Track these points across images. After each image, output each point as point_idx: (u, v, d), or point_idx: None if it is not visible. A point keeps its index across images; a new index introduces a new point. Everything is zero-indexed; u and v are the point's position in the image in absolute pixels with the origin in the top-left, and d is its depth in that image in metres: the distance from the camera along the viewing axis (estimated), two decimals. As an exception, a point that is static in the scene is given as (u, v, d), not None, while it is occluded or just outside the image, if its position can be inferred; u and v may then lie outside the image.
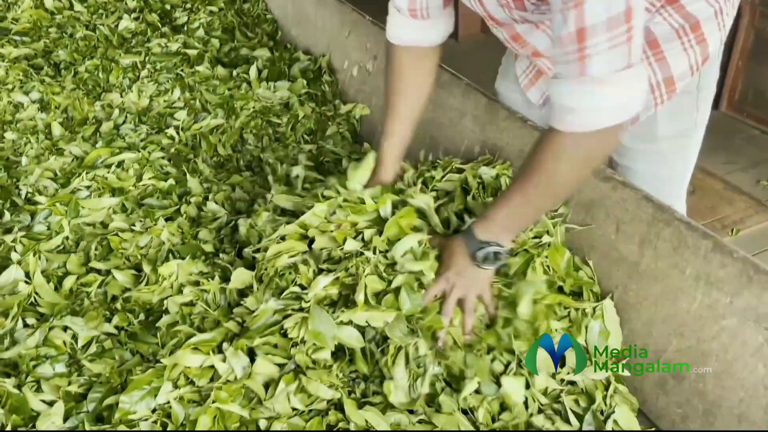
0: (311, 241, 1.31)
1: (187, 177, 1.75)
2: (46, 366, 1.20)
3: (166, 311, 1.31)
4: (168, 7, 2.78)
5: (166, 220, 1.56)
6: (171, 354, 1.17)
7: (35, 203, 1.64)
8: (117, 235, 1.52)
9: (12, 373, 1.20)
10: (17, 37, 2.55)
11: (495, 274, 1.25)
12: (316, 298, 1.19)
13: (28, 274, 1.41)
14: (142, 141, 1.94)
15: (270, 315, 1.20)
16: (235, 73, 2.32)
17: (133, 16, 2.69)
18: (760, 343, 1.01)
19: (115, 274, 1.40)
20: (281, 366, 1.16)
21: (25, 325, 1.30)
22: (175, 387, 1.12)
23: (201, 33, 2.60)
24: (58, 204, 1.61)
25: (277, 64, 2.36)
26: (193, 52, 2.42)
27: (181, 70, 2.33)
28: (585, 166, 1.13)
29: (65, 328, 1.27)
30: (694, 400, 1.12)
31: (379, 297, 1.19)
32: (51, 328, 1.26)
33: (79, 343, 1.25)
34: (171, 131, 1.98)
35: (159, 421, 1.08)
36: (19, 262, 1.42)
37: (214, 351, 1.16)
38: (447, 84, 1.69)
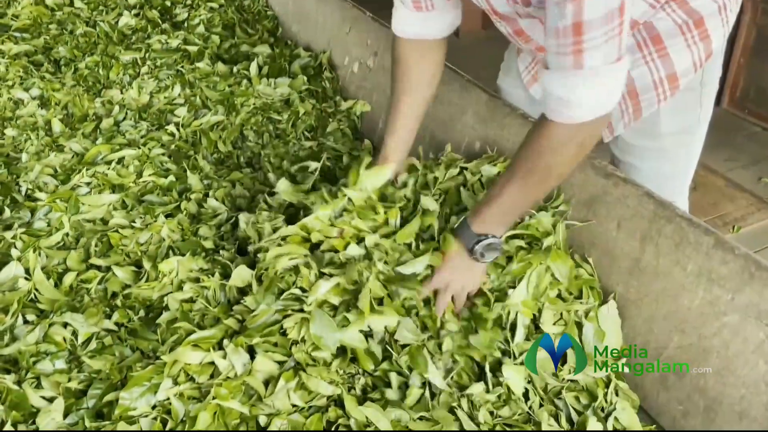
0: (313, 245, 1.30)
1: (188, 173, 1.74)
2: (46, 362, 1.20)
3: (166, 308, 1.31)
4: (168, 3, 2.78)
5: (167, 217, 1.56)
6: (171, 351, 1.16)
7: (35, 200, 1.64)
8: (117, 231, 1.51)
9: (12, 369, 1.20)
10: (17, 34, 2.55)
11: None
12: (316, 302, 1.18)
13: (28, 271, 1.41)
14: (142, 137, 1.94)
15: (270, 315, 1.19)
16: (235, 69, 2.32)
17: (133, 12, 2.69)
18: (762, 339, 1.00)
19: (115, 270, 1.40)
20: (281, 363, 1.16)
21: (25, 322, 1.30)
22: (175, 383, 1.12)
23: (201, 29, 2.59)
24: (58, 200, 1.61)
25: (278, 61, 2.35)
26: (194, 49, 2.42)
27: (182, 67, 2.33)
28: (580, 155, 1.13)
29: (65, 325, 1.27)
30: (695, 397, 1.12)
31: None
32: (51, 325, 1.26)
33: (79, 339, 1.25)
34: (171, 128, 1.97)
35: (159, 418, 1.08)
36: (19, 259, 1.42)
37: (214, 348, 1.16)
38: (447, 80, 1.68)
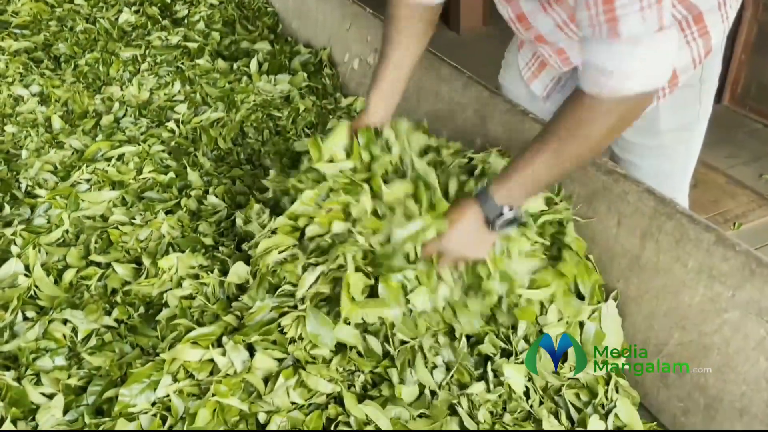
0: (303, 232, 1.29)
1: (188, 170, 1.74)
2: (46, 359, 1.20)
3: (166, 304, 1.31)
4: (168, 0, 2.77)
5: (166, 214, 1.56)
6: (171, 347, 1.16)
7: (35, 196, 1.64)
8: (117, 228, 1.51)
9: (12, 366, 1.20)
10: (17, 30, 2.54)
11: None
12: (309, 296, 1.18)
13: (27, 267, 1.40)
14: (142, 134, 1.94)
15: (266, 312, 1.19)
16: (235, 66, 2.32)
17: (133, 9, 2.69)
18: (762, 336, 1.00)
19: (115, 267, 1.40)
20: (280, 360, 1.16)
21: (25, 318, 1.29)
22: (175, 380, 1.12)
23: (201, 26, 2.59)
24: (58, 197, 1.61)
25: (278, 57, 2.35)
26: (194, 45, 2.42)
27: (182, 63, 2.32)
28: (616, 131, 1.09)
29: (65, 321, 1.27)
30: (696, 394, 1.12)
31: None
32: (51, 321, 1.26)
33: (79, 336, 1.25)
34: (171, 124, 1.97)
35: (158, 414, 1.08)
36: (19, 255, 1.42)
37: (213, 345, 1.16)
38: (448, 77, 1.68)
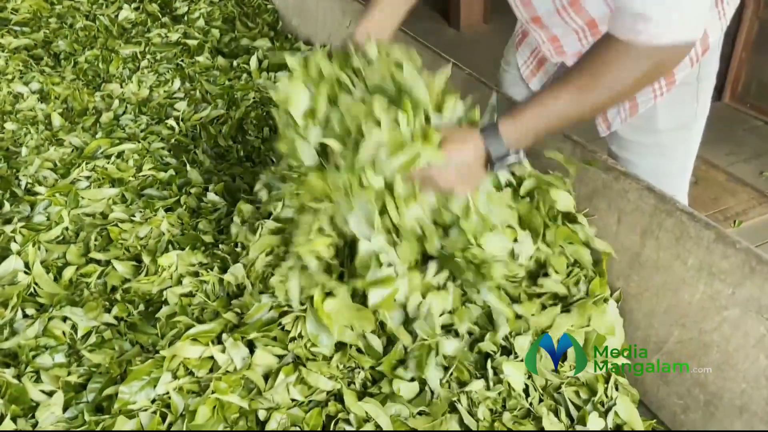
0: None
1: (187, 168, 1.74)
2: (46, 356, 1.20)
3: (166, 302, 1.31)
4: (168, -3, 2.77)
5: (166, 211, 1.56)
6: (170, 345, 1.16)
7: (35, 194, 1.64)
8: (117, 225, 1.51)
9: (12, 363, 1.20)
10: (17, 28, 2.54)
11: None
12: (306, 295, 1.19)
13: (27, 265, 1.40)
14: (142, 132, 1.94)
15: (266, 311, 1.20)
16: (235, 63, 2.32)
17: (133, 6, 2.69)
18: (762, 334, 1.00)
19: (114, 264, 1.40)
20: (280, 357, 1.16)
21: (25, 316, 1.30)
22: (175, 377, 1.12)
23: (201, 23, 2.59)
24: (57, 194, 1.61)
25: (278, 55, 2.34)
26: (194, 43, 2.41)
27: (182, 61, 2.32)
28: (643, 82, 1.06)
29: (65, 319, 1.26)
30: (695, 391, 1.12)
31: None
32: (50, 319, 1.26)
33: (79, 333, 1.25)
34: (171, 122, 1.97)
35: (158, 412, 1.08)
36: (18, 253, 1.42)
37: (213, 342, 1.16)
38: (449, 75, 1.67)
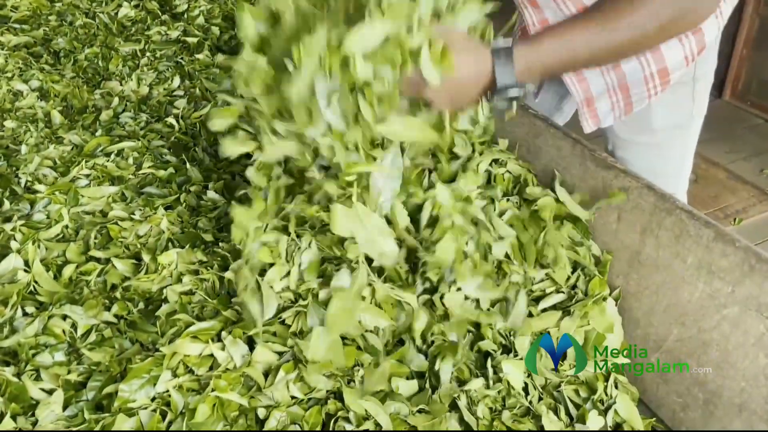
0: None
1: (187, 165, 1.74)
2: (46, 354, 1.20)
3: (166, 300, 1.31)
4: (168, -6, 2.77)
5: (166, 209, 1.56)
6: (170, 342, 1.17)
7: (35, 192, 1.64)
8: (116, 223, 1.51)
9: (11, 361, 1.20)
10: (16, 25, 2.54)
11: None
12: (303, 292, 1.18)
13: (27, 263, 1.40)
14: (141, 129, 1.94)
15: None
16: (235, 61, 2.31)
17: (132, 3, 2.68)
18: (762, 332, 1.00)
19: (114, 262, 1.40)
20: (280, 354, 1.16)
21: (25, 314, 1.29)
22: (175, 375, 1.12)
23: (201, 20, 2.58)
24: (57, 192, 1.60)
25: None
26: (193, 40, 2.41)
27: (181, 58, 2.32)
28: (669, 30, 1.03)
29: (65, 317, 1.26)
30: (695, 390, 1.12)
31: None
32: (50, 317, 1.26)
33: (79, 331, 1.25)
34: (171, 119, 1.97)
35: (158, 410, 1.08)
36: (18, 251, 1.42)
37: (213, 340, 1.16)
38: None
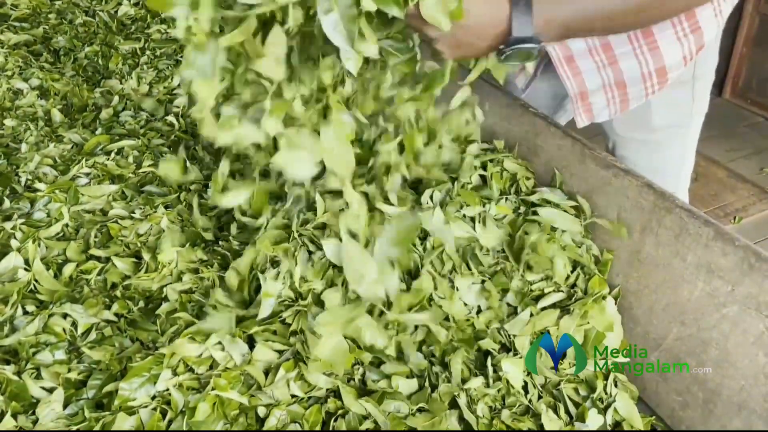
0: None
1: (187, 164, 1.74)
2: (46, 353, 1.20)
3: (166, 299, 1.31)
4: (168, -8, 2.76)
5: (166, 208, 1.56)
6: (170, 341, 1.17)
7: (35, 190, 1.64)
8: (116, 222, 1.51)
9: (12, 360, 1.20)
10: (16, 23, 2.54)
11: None
12: (304, 292, 1.19)
13: (27, 261, 1.40)
14: (141, 128, 1.94)
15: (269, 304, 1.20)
16: (235, 59, 2.31)
17: (132, 1, 2.68)
18: (761, 331, 1.00)
19: (114, 261, 1.40)
20: (281, 352, 1.16)
21: (25, 312, 1.30)
22: (175, 374, 1.12)
23: (201, 19, 2.58)
24: (57, 191, 1.60)
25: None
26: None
27: (181, 56, 2.31)
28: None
29: (65, 315, 1.27)
30: (694, 388, 1.12)
31: None
32: (51, 315, 1.26)
33: (79, 330, 1.25)
34: (171, 118, 1.97)
35: (158, 408, 1.08)
36: (18, 249, 1.42)
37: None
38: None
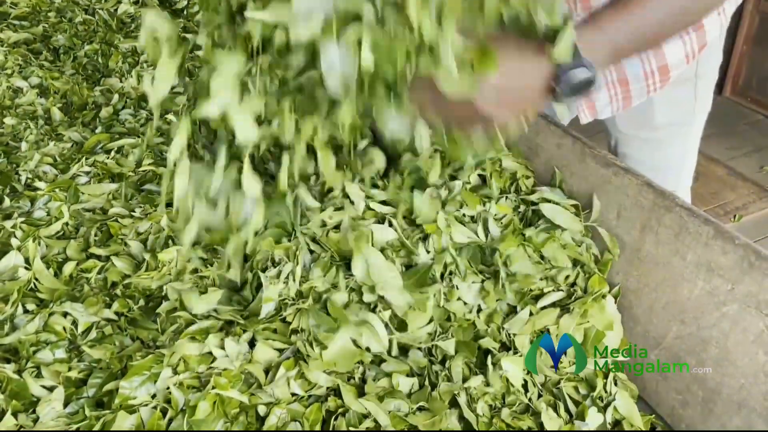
0: None
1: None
2: (46, 352, 1.20)
3: (166, 297, 1.31)
4: (167, -10, 2.77)
5: (166, 206, 1.56)
6: (170, 340, 1.17)
7: (35, 189, 1.64)
8: (117, 221, 1.51)
9: (12, 358, 1.20)
10: (16, 22, 2.54)
11: None
12: (305, 290, 1.19)
13: (27, 260, 1.40)
14: (141, 126, 1.94)
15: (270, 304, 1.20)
16: (235, 58, 2.31)
17: (132, 0, 2.68)
18: (761, 329, 1.00)
19: (114, 260, 1.40)
20: (281, 351, 1.16)
21: (25, 311, 1.30)
22: (175, 373, 1.12)
23: (200, 17, 2.58)
24: (57, 190, 1.60)
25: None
26: (193, 37, 2.40)
27: (181, 55, 2.31)
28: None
29: (65, 314, 1.27)
30: (694, 387, 1.12)
31: None
32: (51, 314, 1.26)
33: (79, 328, 1.25)
34: (171, 116, 1.97)
35: (159, 407, 1.09)
36: (18, 248, 1.42)
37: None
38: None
